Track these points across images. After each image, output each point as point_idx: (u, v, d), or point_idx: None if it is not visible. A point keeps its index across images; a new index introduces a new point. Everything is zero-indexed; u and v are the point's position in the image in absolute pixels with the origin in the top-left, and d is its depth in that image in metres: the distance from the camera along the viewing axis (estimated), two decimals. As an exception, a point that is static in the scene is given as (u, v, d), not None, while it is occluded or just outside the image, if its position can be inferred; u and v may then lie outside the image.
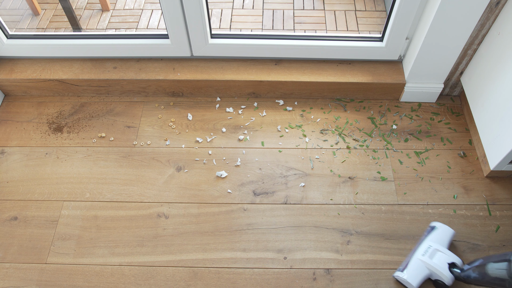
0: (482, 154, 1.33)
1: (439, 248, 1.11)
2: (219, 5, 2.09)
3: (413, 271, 1.10)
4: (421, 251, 1.12)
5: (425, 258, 1.10)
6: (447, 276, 1.06)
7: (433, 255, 1.10)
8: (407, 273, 1.10)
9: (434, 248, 1.11)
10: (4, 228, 1.25)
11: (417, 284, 1.09)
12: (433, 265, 1.08)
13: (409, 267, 1.11)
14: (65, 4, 1.85)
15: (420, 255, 1.11)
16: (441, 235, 1.15)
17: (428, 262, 1.09)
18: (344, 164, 1.36)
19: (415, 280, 1.09)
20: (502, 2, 1.17)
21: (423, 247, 1.13)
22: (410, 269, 1.10)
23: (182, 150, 1.40)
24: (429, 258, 1.10)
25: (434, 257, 1.10)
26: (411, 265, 1.11)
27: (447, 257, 1.09)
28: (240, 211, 1.27)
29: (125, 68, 1.50)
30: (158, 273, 1.16)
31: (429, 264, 1.09)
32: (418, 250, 1.13)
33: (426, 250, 1.12)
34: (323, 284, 1.13)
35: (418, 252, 1.13)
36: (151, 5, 2.12)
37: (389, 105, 1.50)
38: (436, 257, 1.09)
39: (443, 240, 1.14)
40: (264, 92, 1.52)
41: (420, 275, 1.09)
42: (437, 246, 1.12)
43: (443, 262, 1.08)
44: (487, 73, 1.28)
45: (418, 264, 1.11)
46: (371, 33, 1.93)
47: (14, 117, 1.51)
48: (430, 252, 1.11)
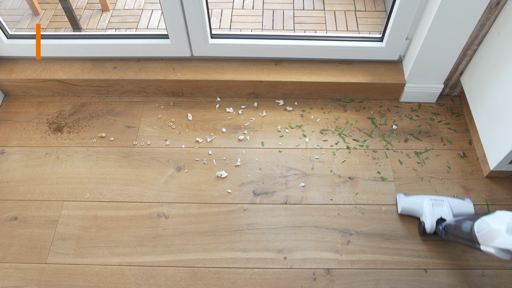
0: (482, 154, 1.33)
1: (446, 205, 1.18)
2: (219, 5, 2.09)
3: (411, 200, 1.21)
4: (434, 197, 1.20)
5: (428, 201, 1.19)
6: (428, 222, 1.15)
7: (438, 205, 1.18)
8: (406, 199, 1.22)
9: (443, 202, 1.19)
10: (4, 228, 1.25)
11: (402, 208, 1.21)
12: (428, 209, 1.17)
13: (412, 197, 1.22)
14: (65, 4, 1.85)
15: (429, 197, 1.20)
16: (460, 204, 1.20)
17: (426, 205, 1.18)
18: (344, 164, 1.36)
19: (405, 205, 1.21)
20: (502, 2, 1.17)
21: (439, 196, 1.21)
22: (411, 198, 1.22)
23: (182, 150, 1.41)
24: (431, 204, 1.18)
25: (436, 207, 1.17)
26: (415, 197, 1.22)
27: (443, 213, 1.16)
28: (240, 211, 1.27)
29: (125, 68, 1.50)
30: (158, 273, 1.16)
31: (426, 206, 1.18)
32: (433, 195, 1.22)
33: (437, 199, 1.19)
34: (323, 284, 1.13)
35: (431, 196, 1.22)
36: (151, 5, 2.12)
37: (389, 105, 1.51)
38: (437, 208, 1.17)
39: (458, 207, 1.19)
40: (264, 92, 1.52)
41: (412, 206, 1.21)
42: (447, 203, 1.18)
43: (438, 214, 1.16)
44: (487, 74, 1.28)
45: (420, 200, 1.20)
46: (371, 33, 1.93)
47: (14, 117, 1.51)
48: (438, 202, 1.19)
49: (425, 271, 1.15)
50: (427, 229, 1.16)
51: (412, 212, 1.21)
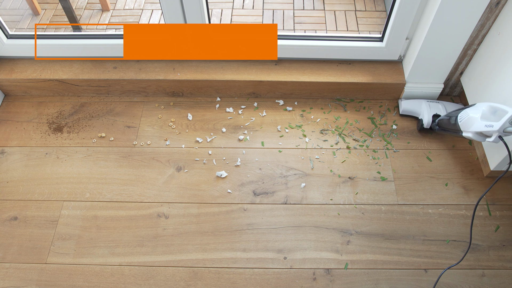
0: (482, 154, 1.33)
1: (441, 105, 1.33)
2: (219, 5, 2.09)
3: (411, 102, 1.39)
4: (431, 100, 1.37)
5: (426, 102, 1.35)
6: (427, 119, 1.32)
7: (433, 106, 1.33)
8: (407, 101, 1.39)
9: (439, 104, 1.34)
10: (4, 228, 1.25)
11: (404, 108, 1.39)
12: (425, 107, 1.34)
13: (412, 100, 1.39)
14: (65, 4, 1.85)
15: (426, 100, 1.37)
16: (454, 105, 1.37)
17: (425, 105, 1.35)
18: (344, 164, 1.36)
19: (406, 106, 1.39)
20: (502, 2, 1.17)
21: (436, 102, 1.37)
22: (411, 101, 1.39)
23: (182, 150, 1.41)
24: (428, 104, 1.34)
25: (432, 107, 1.33)
26: (415, 100, 1.39)
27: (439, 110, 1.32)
28: (240, 211, 1.27)
29: (125, 68, 1.50)
30: (158, 273, 1.16)
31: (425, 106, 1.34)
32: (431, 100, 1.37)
33: (433, 101, 1.36)
34: (323, 284, 1.13)
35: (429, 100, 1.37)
36: (151, 5, 2.12)
37: (389, 105, 1.51)
38: (433, 107, 1.33)
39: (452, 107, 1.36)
40: (264, 92, 1.52)
41: (412, 107, 1.38)
42: (442, 104, 1.35)
43: (434, 111, 1.32)
44: (487, 73, 1.28)
45: (419, 102, 1.37)
46: (371, 33, 1.93)
47: (14, 117, 1.51)
48: (434, 103, 1.35)
49: (425, 271, 1.15)
50: (425, 124, 1.32)
51: (412, 111, 1.38)
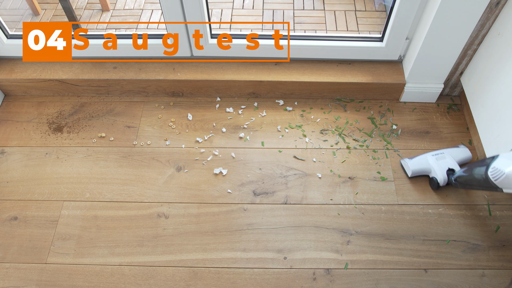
0: (482, 154, 1.33)
1: (448, 156, 1.28)
2: (219, 5, 2.09)
3: (417, 161, 1.30)
4: (434, 152, 1.31)
5: (433, 158, 1.28)
6: (439, 176, 1.25)
7: (441, 159, 1.28)
8: (412, 161, 1.30)
9: (444, 155, 1.29)
10: (4, 228, 1.25)
11: (414, 170, 1.29)
12: (433, 164, 1.27)
13: (416, 158, 1.31)
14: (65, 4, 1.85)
15: (430, 154, 1.30)
16: (458, 152, 1.32)
17: (433, 161, 1.28)
18: (344, 164, 1.36)
19: (414, 167, 1.29)
20: (502, 2, 1.17)
21: (439, 151, 1.31)
22: (416, 159, 1.31)
23: (182, 150, 1.41)
24: (435, 159, 1.28)
25: (440, 160, 1.27)
26: (419, 158, 1.31)
27: (450, 163, 1.26)
28: (240, 211, 1.27)
29: (125, 68, 1.50)
30: (158, 273, 1.16)
31: (432, 161, 1.28)
32: (433, 151, 1.32)
33: (437, 153, 1.30)
34: (323, 284, 1.13)
35: (432, 152, 1.31)
36: (151, 5, 2.12)
37: (389, 105, 1.51)
38: (441, 160, 1.27)
39: (457, 155, 1.31)
40: (264, 92, 1.52)
41: (420, 166, 1.29)
42: (448, 155, 1.29)
43: (445, 166, 1.26)
44: (487, 73, 1.28)
45: (424, 159, 1.30)
46: (371, 33, 1.93)
47: (14, 117, 1.51)
48: (439, 155, 1.29)
49: (425, 271, 1.15)
50: (440, 182, 1.25)
51: (422, 171, 1.30)
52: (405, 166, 1.32)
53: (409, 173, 1.30)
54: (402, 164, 1.34)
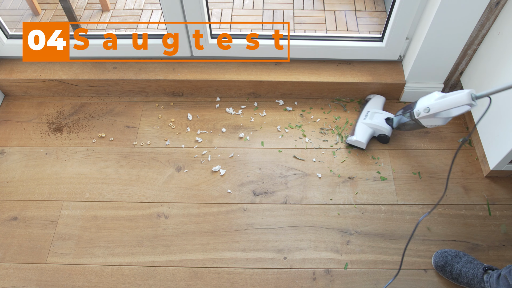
0: (482, 154, 1.33)
1: (376, 111, 1.39)
2: (219, 5, 2.09)
3: (360, 132, 1.36)
4: (363, 117, 1.39)
5: (367, 120, 1.37)
6: (386, 128, 1.35)
7: (372, 116, 1.37)
8: (356, 135, 1.35)
9: (372, 112, 1.39)
10: (4, 228, 1.25)
11: (365, 140, 1.35)
12: (373, 123, 1.36)
13: (357, 130, 1.36)
14: (65, 4, 1.85)
15: (362, 119, 1.38)
16: (375, 102, 1.44)
17: (370, 122, 1.36)
18: (344, 164, 1.36)
19: (363, 138, 1.35)
20: (502, 2, 1.17)
21: (363, 113, 1.40)
22: (358, 131, 1.36)
23: (182, 150, 1.40)
24: (369, 120, 1.37)
25: (373, 117, 1.37)
26: (358, 129, 1.37)
27: (383, 115, 1.37)
28: (240, 211, 1.27)
29: (125, 68, 1.50)
30: (158, 273, 1.16)
31: (371, 123, 1.36)
32: (360, 117, 1.40)
33: (366, 115, 1.39)
34: (323, 284, 1.13)
35: (360, 118, 1.40)
36: (151, 5, 2.12)
37: (389, 105, 1.50)
38: (375, 117, 1.37)
39: (378, 105, 1.43)
40: (264, 92, 1.52)
41: (366, 134, 1.35)
42: (374, 110, 1.39)
43: (381, 119, 1.36)
44: (487, 73, 1.28)
45: (362, 126, 1.37)
46: (371, 33, 1.93)
47: (14, 117, 1.51)
48: (369, 115, 1.38)
49: (425, 271, 1.15)
50: (388, 134, 1.36)
51: (369, 136, 1.36)
52: (354, 143, 1.37)
53: (362, 146, 1.36)
54: (349, 143, 1.38)
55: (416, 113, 1.13)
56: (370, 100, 1.46)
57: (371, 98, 1.46)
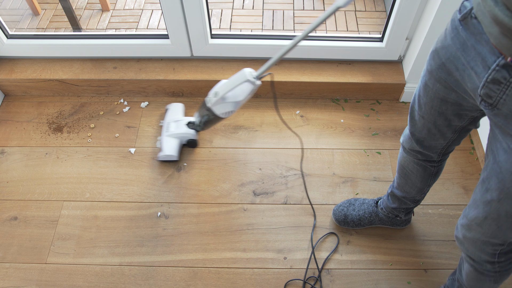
0: (482, 155, 1.33)
1: (174, 119, 1.38)
2: (219, 5, 2.09)
3: (167, 145, 1.34)
4: (164, 131, 1.37)
5: (169, 132, 1.35)
6: (190, 132, 1.35)
7: (174, 126, 1.36)
8: (164, 150, 1.33)
9: (172, 122, 1.37)
10: (4, 228, 1.25)
11: (175, 152, 1.33)
12: (176, 132, 1.35)
13: (163, 146, 1.34)
14: (65, 4, 1.85)
15: (165, 133, 1.36)
16: (173, 111, 1.42)
17: (173, 132, 1.35)
18: (344, 164, 1.36)
19: (172, 151, 1.33)
20: (502, 2, 1.17)
21: (164, 127, 1.39)
22: (164, 146, 1.34)
23: (182, 150, 1.40)
24: (172, 130, 1.35)
25: (175, 127, 1.36)
26: (164, 143, 1.35)
27: (183, 121, 1.36)
28: (240, 211, 1.27)
29: (125, 68, 1.50)
30: (158, 273, 1.16)
31: (174, 133, 1.35)
32: (163, 131, 1.38)
33: (167, 127, 1.37)
34: (323, 284, 1.13)
35: (163, 133, 1.37)
36: (151, 5, 2.12)
37: (389, 106, 1.51)
38: (176, 126, 1.36)
39: (176, 113, 1.42)
40: (264, 92, 1.52)
41: (173, 145, 1.34)
42: (172, 119, 1.38)
43: (182, 126, 1.35)
44: (487, 74, 1.28)
45: (167, 140, 1.35)
46: (371, 33, 1.93)
47: (14, 117, 1.51)
48: (171, 126, 1.37)
49: (425, 271, 1.15)
50: (195, 138, 1.36)
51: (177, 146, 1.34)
52: (165, 158, 1.34)
53: (174, 158, 1.34)
54: (161, 160, 1.35)
55: (207, 101, 1.08)
56: (168, 110, 1.44)
57: (168, 109, 1.44)
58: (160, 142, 1.37)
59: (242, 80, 0.98)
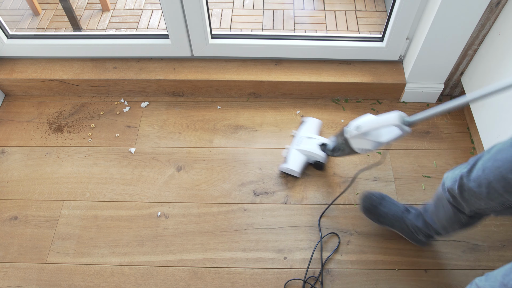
0: (482, 154, 1.33)
1: (310, 136, 1.31)
2: (219, 5, 2.09)
3: (293, 160, 1.28)
4: (296, 143, 1.31)
5: (300, 147, 1.29)
6: (320, 155, 1.27)
7: (306, 142, 1.30)
8: (289, 163, 1.28)
9: (306, 137, 1.31)
10: (4, 228, 1.25)
11: (299, 168, 1.28)
12: (307, 149, 1.28)
13: (289, 158, 1.29)
14: (66, 4, 1.85)
15: (295, 146, 1.31)
16: (310, 126, 1.36)
17: (303, 149, 1.29)
18: (344, 164, 1.36)
19: (296, 166, 1.27)
20: (502, 2, 1.17)
21: (297, 139, 1.33)
22: (290, 159, 1.29)
23: (182, 150, 1.40)
24: (303, 146, 1.29)
25: (307, 143, 1.30)
26: (291, 156, 1.29)
27: (317, 140, 1.29)
28: (240, 211, 1.27)
29: (125, 68, 1.50)
30: (158, 273, 1.16)
31: (304, 150, 1.29)
32: (293, 143, 1.32)
33: (299, 141, 1.31)
34: (323, 284, 1.13)
35: (293, 144, 1.32)
36: (151, 5, 2.12)
37: (389, 106, 1.50)
38: (309, 143, 1.29)
39: (312, 129, 1.36)
40: (264, 92, 1.52)
41: (299, 161, 1.29)
42: (307, 135, 1.32)
43: (315, 145, 1.28)
44: (488, 73, 1.28)
45: (295, 153, 1.30)
46: (371, 33, 1.93)
47: (15, 117, 1.51)
48: (303, 141, 1.31)
49: (425, 271, 1.15)
50: (324, 161, 1.29)
51: (303, 163, 1.29)
52: (287, 171, 1.29)
53: (296, 174, 1.28)
54: (282, 171, 1.31)
55: (347, 131, 1.04)
56: (304, 123, 1.38)
57: (305, 122, 1.38)
58: (288, 153, 1.30)
59: (391, 123, 0.92)
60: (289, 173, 1.30)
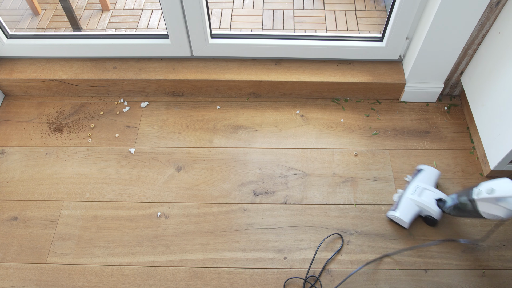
0: (482, 154, 1.33)
1: (426, 187, 1.21)
2: (219, 5, 2.09)
3: (405, 209, 1.19)
4: (411, 191, 1.21)
5: (415, 197, 1.19)
6: (435, 211, 1.17)
7: (422, 193, 1.20)
8: (399, 211, 1.19)
9: (422, 187, 1.21)
10: (4, 228, 1.25)
11: (409, 220, 1.18)
12: (422, 202, 1.18)
13: (401, 206, 1.20)
14: (65, 4, 1.85)
15: (409, 194, 1.21)
16: (428, 176, 1.25)
17: (417, 200, 1.18)
18: (344, 164, 1.36)
19: (407, 217, 1.18)
20: (502, 2, 1.17)
21: (412, 187, 1.22)
22: (402, 208, 1.19)
23: (182, 150, 1.40)
24: (418, 196, 1.19)
25: (423, 195, 1.19)
26: (402, 204, 1.20)
27: (434, 194, 1.19)
28: (240, 211, 1.27)
29: (125, 68, 1.50)
30: (158, 273, 1.16)
31: (418, 201, 1.18)
32: (408, 190, 1.22)
33: (415, 190, 1.21)
34: (323, 284, 1.13)
35: (407, 192, 1.22)
36: (151, 5, 2.12)
37: (389, 105, 1.50)
38: (424, 195, 1.19)
39: (430, 180, 1.24)
40: (264, 92, 1.52)
41: (411, 212, 1.18)
42: (424, 186, 1.21)
43: (431, 199, 1.18)
44: (487, 73, 1.28)
45: (408, 202, 1.20)
46: (371, 33, 1.93)
47: (14, 117, 1.51)
48: (418, 191, 1.20)
49: (425, 271, 1.15)
50: (438, 218, 1.18)
51: (415, 216, 1.20)
52: (395, 220, 1.21)
53: (404, 225, 1.19)
54: (390, 218, 1.22)
55: (476, 192, 0.97)
56: (422, 172, 1.26)
57: (423, 170, 1.27)
58: (400, 199, 1.22)
59: None
60: (397, 221, 1.21)
